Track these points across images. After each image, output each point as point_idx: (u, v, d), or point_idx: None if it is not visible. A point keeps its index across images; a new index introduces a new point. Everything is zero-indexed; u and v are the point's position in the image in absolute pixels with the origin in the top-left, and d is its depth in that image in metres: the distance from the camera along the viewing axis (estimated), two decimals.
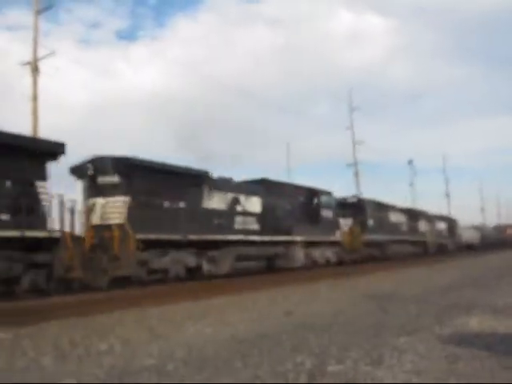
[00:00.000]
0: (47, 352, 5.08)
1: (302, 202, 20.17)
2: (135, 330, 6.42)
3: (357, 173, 41.17)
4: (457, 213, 79.24)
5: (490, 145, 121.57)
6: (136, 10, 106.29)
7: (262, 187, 17.86)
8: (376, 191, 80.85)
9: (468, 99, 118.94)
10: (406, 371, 3.89)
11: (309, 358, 4.38)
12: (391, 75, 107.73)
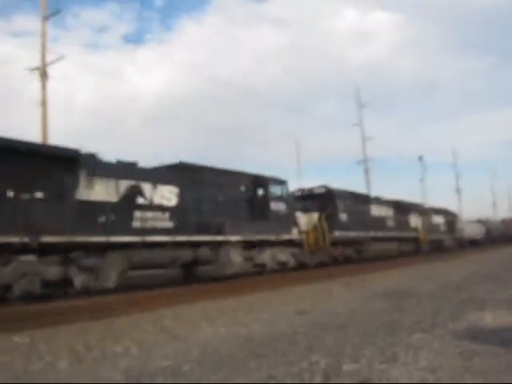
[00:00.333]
0: (63, 355, 5.12)
1: (242, 193, 16.26)
2: (150, 331, 6.45)
3: (367, 170, 40.97)
4: (468, 208, 78.94)
5: (502, 138, 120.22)
6: (143, 14, 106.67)
7: (182, 174, 13.99)
8: (386, 188, 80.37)
9: (478, 93, 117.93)
10: (421, 369, 3.88)
11: (324, 357, 4.39)
12: (398, 71, 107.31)
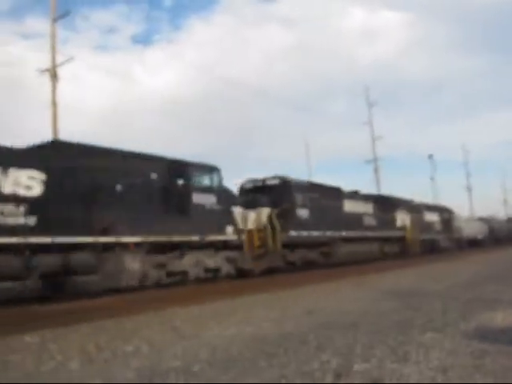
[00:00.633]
0: (74, 355, 5.15)
1: (153, 182, 12.88)
2: (160, 331, 6.47)
3: (376, 169, 40.80)
4: (479, 206, 78.25)
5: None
6: (151, 14, 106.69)
7: (54, 156, 10.99)
8: (396, 187, 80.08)
9: (488, 91, 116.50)
10: (433, 368, 3.87)
11: (334, 356, 4.39)
12: (407, 69, 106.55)
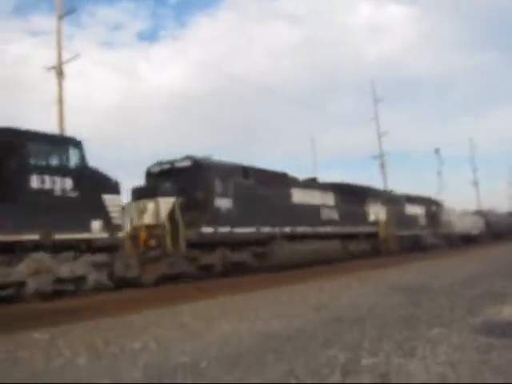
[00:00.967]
0: (82, 351, 5.18)
1: None
2: (169, 327, 6.49)
3: (383, 164, 40.64)
4: (487, 201, 77.78)
5: None
6: (157, 11, 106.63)
7: None
8: (403, 182, 79.84)
9: (495, 86, 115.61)
10: (440, 363, 3.88)
11: (342, 351, 4.41)
12: (412, 65, 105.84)
